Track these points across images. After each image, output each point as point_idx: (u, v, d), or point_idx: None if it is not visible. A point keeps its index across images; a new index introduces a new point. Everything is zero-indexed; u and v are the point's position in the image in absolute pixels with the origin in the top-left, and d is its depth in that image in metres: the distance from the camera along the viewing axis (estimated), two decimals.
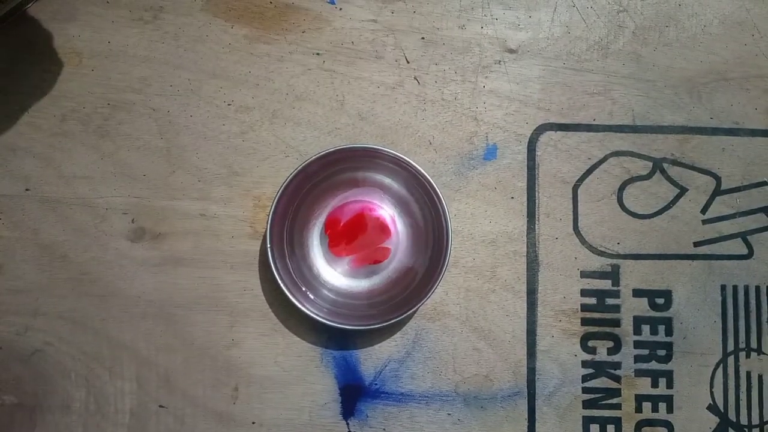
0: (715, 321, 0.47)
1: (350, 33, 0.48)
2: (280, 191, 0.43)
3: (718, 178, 0.48)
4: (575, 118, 0.48)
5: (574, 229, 0.48)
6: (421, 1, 0.49)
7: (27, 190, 0.47)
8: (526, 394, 0.46)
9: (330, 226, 0.46)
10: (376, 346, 0.46)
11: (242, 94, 0.48)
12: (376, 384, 0.46)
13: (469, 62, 0.48)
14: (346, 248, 0.46)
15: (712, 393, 0.47)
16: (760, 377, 0.47)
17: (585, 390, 0.46)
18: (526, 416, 0.46)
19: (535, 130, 0.48)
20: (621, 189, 0.48)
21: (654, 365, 0.47)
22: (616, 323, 0.47)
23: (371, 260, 0.46)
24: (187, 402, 0.46)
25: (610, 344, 0.47)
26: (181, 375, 0.46)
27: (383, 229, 0.47)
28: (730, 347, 0.47)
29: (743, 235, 0.48)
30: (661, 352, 0.47)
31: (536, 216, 0.48)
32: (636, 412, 0.46)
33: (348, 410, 0.46)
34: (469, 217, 0.48)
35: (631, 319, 0.47)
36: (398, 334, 0.47)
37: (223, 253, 0.47)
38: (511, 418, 0.46)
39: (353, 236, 0.46)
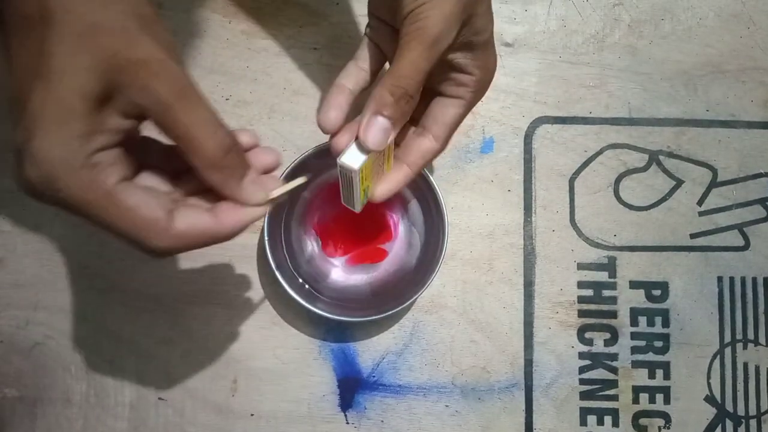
0: (712, 312, 0.47)
1: (347, 27, 0.49)
2: None
3: (714, 170, 0.48)
4: (571, 111, 0.49)
5: (570, 222, 0.48)
6: None
7: None
8: (524, 386, 0.46)
9: (321, 231, 0.47)
10: (374, 339, 0.47)
11: (240, 88, 0.48)
12: (374, 376, 0.46)
13: None
14: (341, 248, 0.47)
15: (709, 384, 0.47)
16: (756, 368, 0.47)
17: (582, 381, 0.47)
18: (524, 408, 0.46)
19: (531, 123, 0.48)
20: (617, 181, 0.48)
21: (651, 356, 0.47)
22: (613, 315, 0.47)
23: (367, 260, 0.47)
24: (186, 394, 0.46)
25: (607, 336, 0.47)
26: (181, 368, 0.46)
27: (385, 229, 0.47)
28: (727, 338, 0.47)
29: (740, 227, 0.48)
30: (658, 344, 0.47)
31: (533, 208, 0.48)
32: (633, 403, 0.47)
33: (346, 402, 0.46)
34: (466, 210, 0.48)
35: (628, 310, 0.47)
36: (396, 327, 0.47)
37: (221, 247, 0.46)
38: (509, 410, 0.46)
39: (350, 234, 0.47)
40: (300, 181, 0.35)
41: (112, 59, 0.25)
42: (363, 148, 0.34)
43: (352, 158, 0.34)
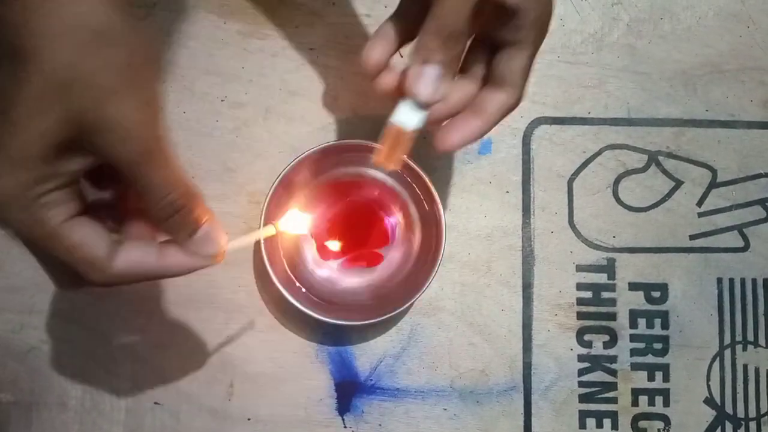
0: (712, 314, 0.47)
1: (344, 28, 0.48)
2: (273, 187, 0.43)
3: (713, 171, 0.48)
4: (570, 111, 0.48)
5: (569, 223, 0.48)
6: None
7: None
8: (522, 389, 0.46)
9: (317, 234, 0.46)
10: (371, 342, 0.46)
11: (236, 89, 0.47)
12: (371, 380, 0.46)
13: None
14: (337, 252, 0.46)
15: (708, 386, 0.47)
16: (756, 370, 0.47)
17: (581, 384, 0.46)
18: (522, 411, 0.46)
19: (529, 123, 0.48)
20: (616, 182, 0.48)
21: (650, 359, 0.47)
22: (612, 317, 0.47)
23: (363, 264, 0.46)
24: (182, 398, 0.46)
25: (606, 338, 0.47)
26: (176, 372, 0.46)
27: (382, 233, 0.46)
28: (727, 340, 0.47)
29: (739, 228, 0.48)
30: (658, 346, 0.47)
31: (531, 210, 0.48)
32: (632, 405, 0.46)
33: (343, 406, 0.46)
34: (464, 212, 0.47)
35: (627, 312, 0.47)
36: (393, 330, 0.46)
37: None
38: (507, 413, 0.46)
39: (346, 238, 0.46)
40: (268, 232, 0.34)
41: (81, 116, 0.26)
42: (416, 104, 0.31)
43: (405, 117, 0.32)
